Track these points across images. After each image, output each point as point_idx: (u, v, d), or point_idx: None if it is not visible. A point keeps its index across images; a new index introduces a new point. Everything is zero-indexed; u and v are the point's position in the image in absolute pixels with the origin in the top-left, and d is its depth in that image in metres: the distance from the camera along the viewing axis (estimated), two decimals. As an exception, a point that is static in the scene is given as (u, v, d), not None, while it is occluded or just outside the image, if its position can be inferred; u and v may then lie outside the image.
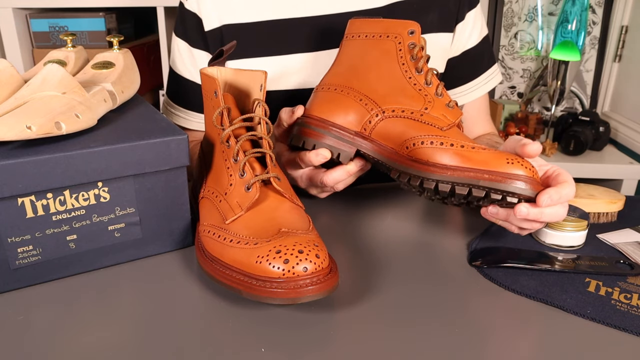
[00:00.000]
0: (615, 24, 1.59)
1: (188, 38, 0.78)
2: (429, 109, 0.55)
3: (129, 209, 0.51)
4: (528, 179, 0.49)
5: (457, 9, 0.77)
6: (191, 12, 0.76)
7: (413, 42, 0.58)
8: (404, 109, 0.55)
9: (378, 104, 0.57)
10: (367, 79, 0.59)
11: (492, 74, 0.84)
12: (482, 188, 0.49)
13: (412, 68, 0.57)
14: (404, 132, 0.55)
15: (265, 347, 0.42)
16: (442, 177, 0.51)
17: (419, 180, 0.52)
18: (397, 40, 0.58)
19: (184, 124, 0.82)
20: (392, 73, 0.58)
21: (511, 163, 0.49)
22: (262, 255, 0.43)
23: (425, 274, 0.53)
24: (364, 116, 0.57)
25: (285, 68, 0.75)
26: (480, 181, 0.49)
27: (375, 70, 0.59)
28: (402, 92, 0.56)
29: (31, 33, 1.40)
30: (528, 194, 0.49)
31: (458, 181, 0.50)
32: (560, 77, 1.48)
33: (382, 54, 0.59)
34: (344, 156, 0.58)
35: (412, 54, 0.57)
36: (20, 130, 0.43)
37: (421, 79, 0.56)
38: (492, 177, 0.49)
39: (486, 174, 0.49)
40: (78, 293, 0.48)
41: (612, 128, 1.53)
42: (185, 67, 0.79)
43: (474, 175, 0.50)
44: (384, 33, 0.59)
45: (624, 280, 0.52)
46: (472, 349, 0.42)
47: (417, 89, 0.56)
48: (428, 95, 0.56)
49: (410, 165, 0.53)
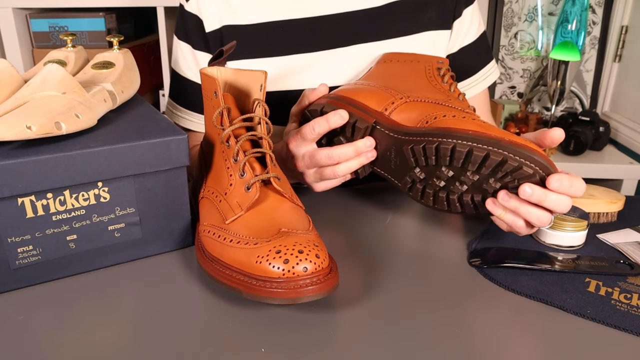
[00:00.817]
0: (615, 24, 1.59)
1: (190, 40, 0.78)
2: (450, 100, 0.57)
3: (129, 209, 0.51)
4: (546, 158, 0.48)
5: (454, 5, 0.77)
6: (192, 13, 0.76)
7: (440, 66, 0.64)
8: (428, 98, 0.57)
9: (403, 93, 0.59)
10: (395, 81, 0.63)
11: (490, 69, 0.84)
12: (502, 150, 0.47)
13: (438, 79, 0.62)
14: (426, 110, 0.55)
15: (265, 347, 0.42)
16: (463, 135, 0.49)
17: (437, 142, 0.50)
18: (427, 64, 0.64)
19: (188, 126, 0.82)
20: (419, 79, 0.62)
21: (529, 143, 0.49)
22: (262, 255, 0.43)
23: (425, 274, 0.53)
24: (387, 99, 0.58)
25: (285, 69, 0.75)
26: (500, 142, 0.47)
27: (404, 78, 0.63)
28: (427, 90, 0.60)
29: (31, 33, 1.40)
30: (545, 164, 0.47)
31: (478, 139, 0.48)
32: (560, 77, 1.48)
33: (411, 70, 0.64)
34: (360, 122, 0.57)
35: (440, 72, 0.63)
36: (20, 130, 0.43)
37: (445, 86, 0.61)
38: (512, 141, 0.48)
39: (507, 137, 0.48)
40: (78, 293, 0.48)
41: (612, 128, 1.53)
42: (189, 69, 0.79)
43: (494, 136, 0.48)
44: (416, 60, 0.66)
45: (624, 280, 0.52)
46: (472, 349, 0.42)
47: (439, 90, 0.60)
48: (450, 95, 0.59)
49: (429, 129, 0.52)
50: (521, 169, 0.48)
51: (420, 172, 0.55)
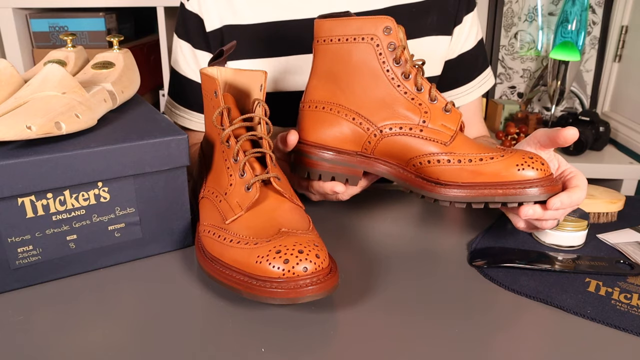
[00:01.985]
0: (615, 24, 1.59)
1: (190, 39, 0.78)
2: (427, 122, 0.52)
3: (129, 209, 0.51)
4: (541, 181, 0.50)
5: (455, 11, 0.77)
6: (192, 13, 0.76)
7: (392, 42, 0.52)
8: (402, 125, 0.53)
9: (372, 122, 0.54)
10: (352, 92, 0.55)
11: (485, 77, 0.84)
12: (498, 202, 0.50)
13: (399, 74, 0.53)
14: (407, 150, 0.54)
15: (265, 347, 0.42)
16: (457, 199, 0.51)
17: (433, 200, 0.53)
18: (374, 42, 0.53)
19: (187, 125, 0.82)
20: (378, 83, 0.54)
21: (522, 169, 0.50)
22: (262, 255, 0.43)
23: (425, 274, 0.53)
24: (362, 137, 0.55)
25: (286, 69, 0.75)
26: (495, 197, 0.50)
27: (358, 81, 0.55)
28: (394, 104, 0.53)
29: (31, 33, 1.40)
30: (542, 199, 0.50)
31: (473, 201, 0.51)
32: (560, 77, 1.48)
33: (362, 62, 0.54)
34: (352, 181, 0.58)
35: (395, 57, 0.53)
36: (20, 130, 0.43)
37: (411, 85, 0.53)
38: (506, 191, 0.50)
39: (499, 188, 0.50)
40: (78, 293, 0.48)
41: (612, 128, 1.53)
42: (190, 68, 0.79)
43: (488, 192, 0.50)
44: (358, 34, 0.53)
45: (624, 280, 0.52)
46: (472, 349, 0.42)
47: (409, 98, 0.53)
48: (423, 104, 0.53)
49: (421, 186, 0.53)
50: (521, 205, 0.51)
51: None
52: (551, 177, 0.51)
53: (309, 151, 0.57)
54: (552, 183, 0.50)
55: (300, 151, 0.58)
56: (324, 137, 0.56)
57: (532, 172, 0.50)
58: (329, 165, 0.57)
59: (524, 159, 0.50)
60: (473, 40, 0.81)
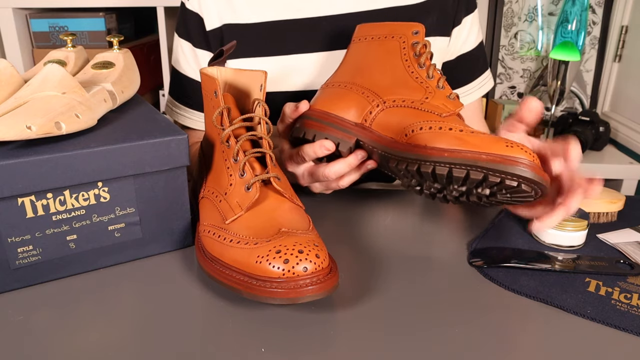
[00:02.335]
0: (615, 24, 1.59)
1: (191, 38, 0.78)
2: (429, 99, 0.55)
3: (129, 209, 0.51)
4: (528, 164, 0.47)
5: (454, 12, 0.77)
6: (193, 12, 0.77)
7: (416, 41, 0.59)
8: (405, 99, 0.56)
9: (380, 95, 0.58)
10: (370, 74, 0.60)
11: (485, 78, 0.85)
12: (480, 169, 0.48)
13: (415, 63, 0.58)
14: (404, 120, 0.54)
15: (265, 347, 0.42)
16: (440, 159, 0.49)
17: (417, 165, 0.51)
18: (401, 40, 0.60)
19: (187, 124, 0.82)
20: (395, 68, 0.59)
21: (510, 147, 0.48)
22: (262, 255, 0.43)
23: (425, 274, 0.53)
24: (365, 107, 0.58)
25: (285, 69, 0.75)
26: (478, 161, 0.48)
27: (378, 67, 0.60)
28: (404, 84, 0.57)
29: (31, 33, 1.40)
30: (528, 175, 0.47)
31: (455, 162, 0.49)
32: (560, 77, 1.48)
33: (386, 52, 0.60)
34: (343, 145, 0.57)
35: (415, 51, 0.58)
36: (20, 130, 0.43)
37: (423, 73, 0.57)
38: (490, 157, 0.48)
39: (484, 154, 0.48)
40: (78, 293, 0.48)
41: (612, 128, 1.53)
42: (190, 67, 0.79)
43: (471, 155, 0.48)
44: (389, 34, 0.61)
45: (624, 280, 0.52)
46: (472, 349, 0.42)
47: (418, 82, 0.57)
48: (429, 87, 0.56)
49: (408, 150, 0.52)
50: (504, 183, 0.48)
51: (413, 180, 0.55)
52: (539, 165, 0.49)
53: (312, 114, 0.61)
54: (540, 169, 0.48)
55: (305, 115, 0.61)
56: (330, 105, 0.60)
57: (521, 153, 0.48)
58: (325, 126, 0.59)
59: (514, 142, 0.49)
60: (473, 41, 0.81)
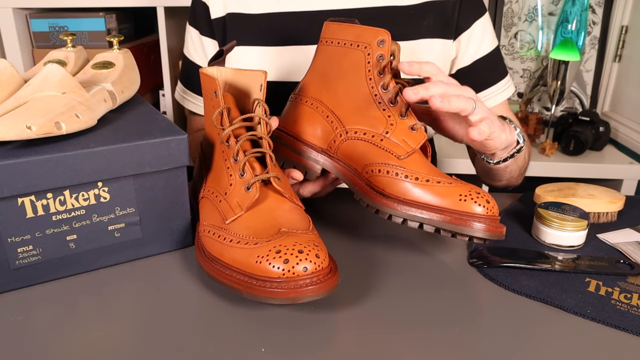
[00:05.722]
0: (615, 24, 1.58)
1: (198, 26, 0.81)
2: (389, 133, 0.54)
3: (129, 209, 0.51)
4: (481, 219, 0.49)
5: (455, 16, 0.76)
6: (201, 0, 0.80)
7: (381, 54, 0.55)
8: (366, 131, 0.56)
9: (342, 122, 0.58)
10: (335, 92, 0.59)
11: (505, 84, 0.82)
12: (432, 225, 0.50)
13: (378, 85, 0.56)
14: (365, 155, 0.55)
15: (265, 347, 0.42)
16: (395, 212, 0.51)
17: (375, 209, 0.53)
18: (366, 51, 0.56)
19: (196, 110, 0.85)
20: (359, 88, 0.57)
21: (464, 200, 0.49)
22: (262, 255, 0.43)
23: (425, 274, 0.53)
24: (330, 134, 0.59)
25: (286, 59, 0.77)
26: (431, 218, 0.50)
27: (343, 84, 0.58)
28: (367, 110, 0.56)
29: (31, 33, 1.40)
30: (479, 235, 0.49)
31: (409, 218, 0.51)
32: (560, 77, 1.48)
33: (351, 66, 0.58)
34: (310, 174, 0.60)
35: (380, 68, 0.56)
36: (20, 130, 0.43)
37: (386, 96, 0.55)
38: (442, 217, 0.49)
39: (436, 210, 0.49)
40: (78, 293, 0.48)
41: (612, 128, 1.53)
42: (197, 54, 0.83)
43: (426, 212, 0.50)
44: (355, 41, 0.57)
45: (624, 280, 0.52)
46: (472, 349, 0.42)
47: (381, 109, 0.55)
48: (391, 117, 0.55)
49: (367, 194, 0.54)
50: (456, 237, 0.50)
51: None
52: (494, 216, 0.50)
53: (285, 139, 0.62)
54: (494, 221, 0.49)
55: (278, 138, 0.63)
56: (299, 128, 0.61)
57: (474, 206, 0.49)
58: (293, 154, 0.61)
59: (468, 192, 0.49)
60: (488, 45, 0.79)
